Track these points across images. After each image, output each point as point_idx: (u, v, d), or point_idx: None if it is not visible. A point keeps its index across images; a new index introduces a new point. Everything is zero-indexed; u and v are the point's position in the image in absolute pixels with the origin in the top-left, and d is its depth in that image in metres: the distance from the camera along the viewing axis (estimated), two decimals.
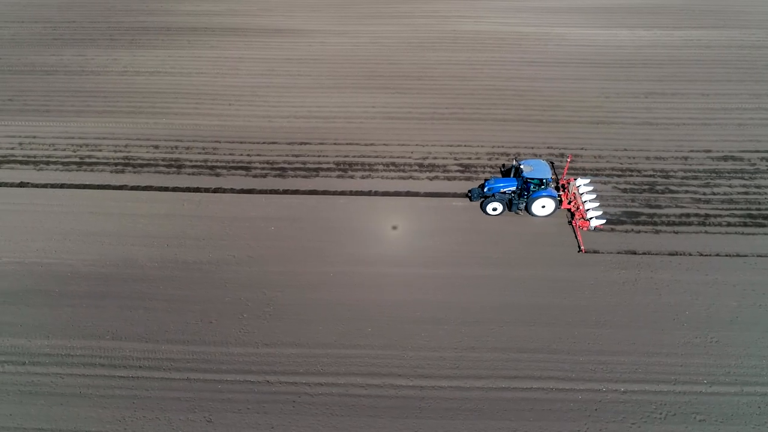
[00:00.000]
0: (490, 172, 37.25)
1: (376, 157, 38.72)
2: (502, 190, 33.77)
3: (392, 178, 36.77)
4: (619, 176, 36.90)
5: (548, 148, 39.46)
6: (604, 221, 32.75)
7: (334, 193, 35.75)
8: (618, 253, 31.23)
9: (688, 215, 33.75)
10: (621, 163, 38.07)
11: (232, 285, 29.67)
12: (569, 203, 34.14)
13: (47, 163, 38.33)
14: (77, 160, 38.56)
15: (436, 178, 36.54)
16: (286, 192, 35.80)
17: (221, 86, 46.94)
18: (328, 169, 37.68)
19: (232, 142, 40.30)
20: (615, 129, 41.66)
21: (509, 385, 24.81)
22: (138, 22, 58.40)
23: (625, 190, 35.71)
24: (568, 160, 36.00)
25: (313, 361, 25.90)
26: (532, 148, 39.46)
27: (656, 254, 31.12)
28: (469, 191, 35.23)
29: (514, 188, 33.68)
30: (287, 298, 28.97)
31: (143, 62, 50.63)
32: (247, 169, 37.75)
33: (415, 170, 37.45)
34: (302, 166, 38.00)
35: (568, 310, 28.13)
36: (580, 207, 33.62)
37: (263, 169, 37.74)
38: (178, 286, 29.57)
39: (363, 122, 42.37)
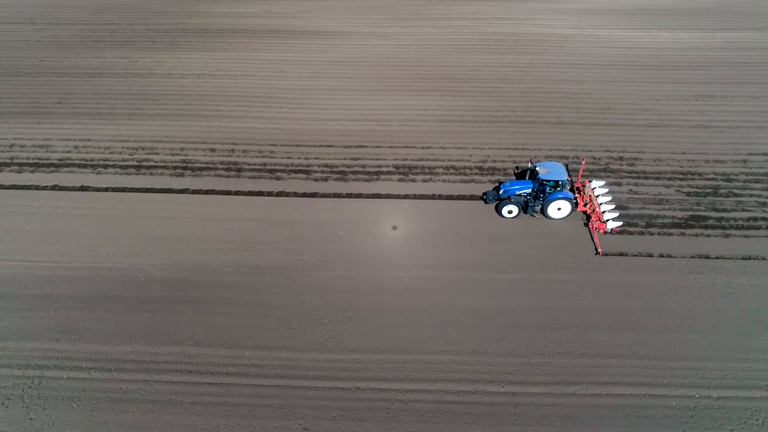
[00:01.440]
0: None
1: (435, 160, 38.55)
2: (517, 193, 33.58)
3: (454, 182, 36.61)
4: (681, 179, 36.74)
5: (606, 150, 39.29)
6: (620, 223, 32.61)
7: (398, 196, 35.58)
8: (691, 257, 31.09)
9: (755, 219, 33.60)
10: (681, 167, 37.94)
11: (308, 290, 29.51)
12: (585, 205, 34.06)
13: (105, 166, 38.16)
14: (135, 163, 38.40)
15: (499, 181, 36.39)
16: (349, 196, 35.63)
17: (269, 89, 46.79)
18: (389, 173, 37.52)
19: (288, 145, 40.14)
20: (670, 132, 41.53)
21: (601, 391, 24.64)
22: (176, 24, 58.24)
23: (689, 194, 35.55)
24: (583, 162, 35.96)
25: (400, 367, 25.74)
26: (590, 151, 39.31)
27: (729, 258, 30.95)
28: (484, 194, 35.09)
29: (529, 190, 33.48)
30: (365, 303, 28.82)
31: (187, 64, 50.47)
32: (307, 172, 37.58)
33: (476, 173, 37.29)
34: (362, 169, 37.85)
35: (650, 315, 27.95)
36: (596, 209, 33.49)
37: (323, 172, 37.58)
38: (255, 291, 29.42)
39: (417, 125, 42.21)
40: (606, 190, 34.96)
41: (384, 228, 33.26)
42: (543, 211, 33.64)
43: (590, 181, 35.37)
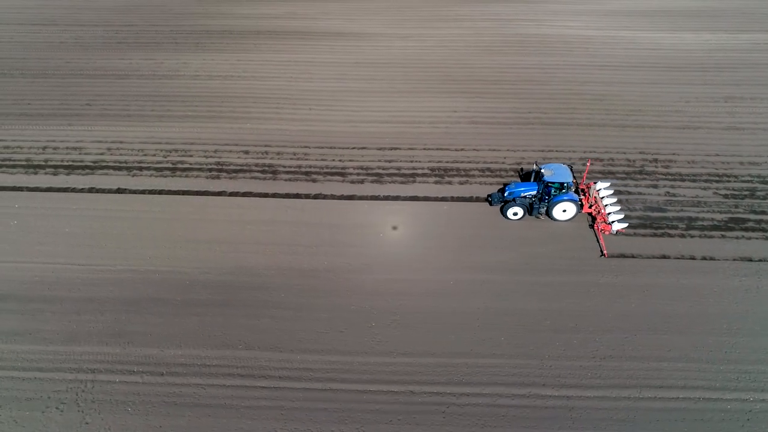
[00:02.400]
0: (588, 177, 36.97)
1: (470, 162, 38.53)
2: (522, 195, 33.58)
3: (491, 184, 36.52)
4: (717, 182, 36.71)
5: (640, 153, 39.27)
6: (626, 225, 32.62)
7: (435, 199, 35.52)
8: (734, 260, 31.08)
9: None
10: (716, 169, 37.91)
11: (353, 293, 29.45)
12: (590, 207, 34.09)
13: (140, 168, 38.10)
14: (170, 165, 38.32)
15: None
16: (386, 198, 35.55)
17: (297, 90, 46.72)
18: (424, 175, 37.47)
19: (322, 147, 40.10)
20: (701, 134, 41.52)
21: (656, 395, 24.58)
22: (199, 25, 58.17)
23: (726, 196, 35.54)
24: (588, 164, 36.01)
25: (452, 370, 25.70)
26: (624, 153, 39.28)
27: None
28: (489, 196, 35.09)
29: (534, 192, 33.49)
30: (412, 306, 28.75)
31: (214, 66, 50.40)
32: (342, 174, 37.53)
33: (512, 176, 37.26)
34: (397, 171, 37.80)
35: (697, 317, 27.87)
36: (602, 211, 33.52)
37: (359, 174, 37.54)
38: (300, 294, 29.35)
39: (448, 127, 42.17)
40: (611, 191, 35.00)
41: (423, 230, 33.18)
42: (548, 213, 33.70)
43: (595, 183, 35.41)
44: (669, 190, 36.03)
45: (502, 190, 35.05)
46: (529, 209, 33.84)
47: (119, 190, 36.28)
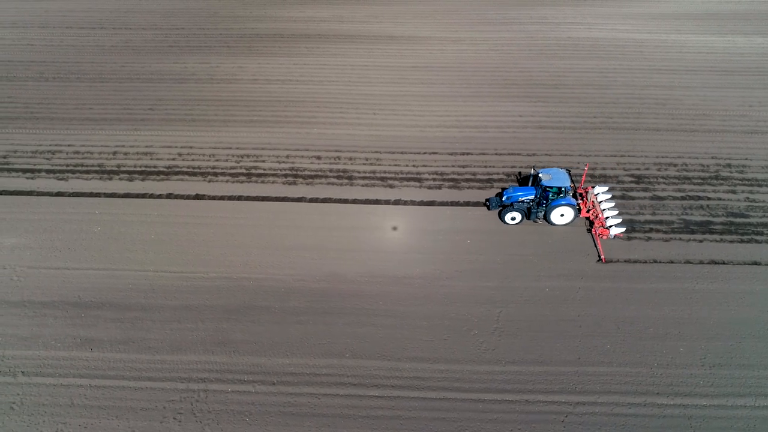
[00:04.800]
0: (663, 182, 36.84)
1: (544, 167, 38.46)
2: (520, 199, 33.62)
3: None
4: None
5: (712, 158, 39.15)
6: (623, 229, 32.74)
7: None
8: None
9: None
10: None
11: (450, 300, 29.36)
12: (588, 211, 34.12)
13: (214, 174, 37.96)
14: (244, 171, 38.19)
15: (613, 189, 36.26)
16: (467, 204, 35.47)
17: (358, 95, 46.58)
18: (500, 180, 37.36)
19: (392, 152, 39.96)
20: None
21: None
22: (248, 29, 57.93)
23: None
24: (586, 168, 36.02)
25: (564, 379, 25.59)
26: (696, 158, 39.15)
27: None
28: (487, 200, 35.20)
29: (532, 197, 33.53)
30: (510, 313, 28.67)
31: (270, 70, 50.23)
32: (418, 180, 37.40)
33: (588, 181, 37.17)
34: (473, 177, 37.66)
35: None
36: (600, 215, 33.55)
37: (435, 180, 37.41)
38: (397, 302, 29.27)
39: (516, 132, 42.06)
40: (609, 196, 35.03)
41: (508, 237, 33.07)
42: (546, 218, 33.75)
43: (593, 187, 35.55)
44: (748, 196, 35.95)
45: (500, 195, 35.13)
46: (527, 214, 33.93)
47: (198, 196, 36.14)
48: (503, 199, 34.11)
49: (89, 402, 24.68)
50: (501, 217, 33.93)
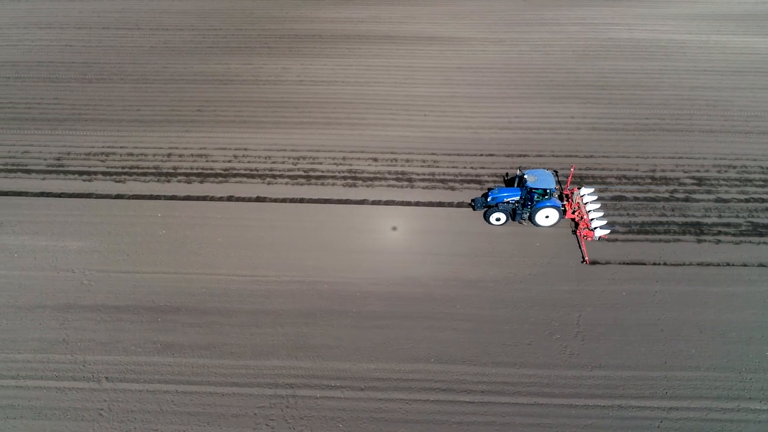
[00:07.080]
0: (726, 185, 36.59)
1: (603, 169, 38.17)
2: (505, 200, 33.53)
3: (630, 192, 36.07)
4: None
5: None
6: (608, 231, 32.67)
7: None
8: None
9: None
10: None
11: (528, 304, 29.11)
12: (573, 213, 34.05)
13: (273, 176, 37.66)
14: (302, 173, 37.91)
15: (676, 191, 36.09)
16: None
17: (405, 96, 46.29)
18: (562, 182, 37.14)
19: (449, 154, 39.70)
20: None
21: None
22: (286, 30, 57.62)
23: None
24: (572, 170, 35.89)
25: (652, 383, 25.35)
26: (755, 160, 38.93)
27: None
28: (473, 200, 35.08)
29: (517, 198, 33.45)
30: (590, 317, 28.44)
31: (314, 71, 49.93)
32: (478, 182, 37.14)
33: (649, 183, 36.94)
34: None
35: None
36: (585, 217, 33.48)
37: (495, 182, 37.18)
38: (474, 306, 29.03)
39: (570, 134, 41.82)
40: (595, 197, 34.93)
41: (575, 239, 32.94)
42: (531, 219, 33.66)
43: (579, 189, 35.48)
44: None
45: (485, 195, 35.05)
46: (512, 215, 33.86)
47: (258, 199, 35.88)
48: (488, 199, 34.04)
49: (178, 408, 24.48)
50: (486, 217, 33.94)
